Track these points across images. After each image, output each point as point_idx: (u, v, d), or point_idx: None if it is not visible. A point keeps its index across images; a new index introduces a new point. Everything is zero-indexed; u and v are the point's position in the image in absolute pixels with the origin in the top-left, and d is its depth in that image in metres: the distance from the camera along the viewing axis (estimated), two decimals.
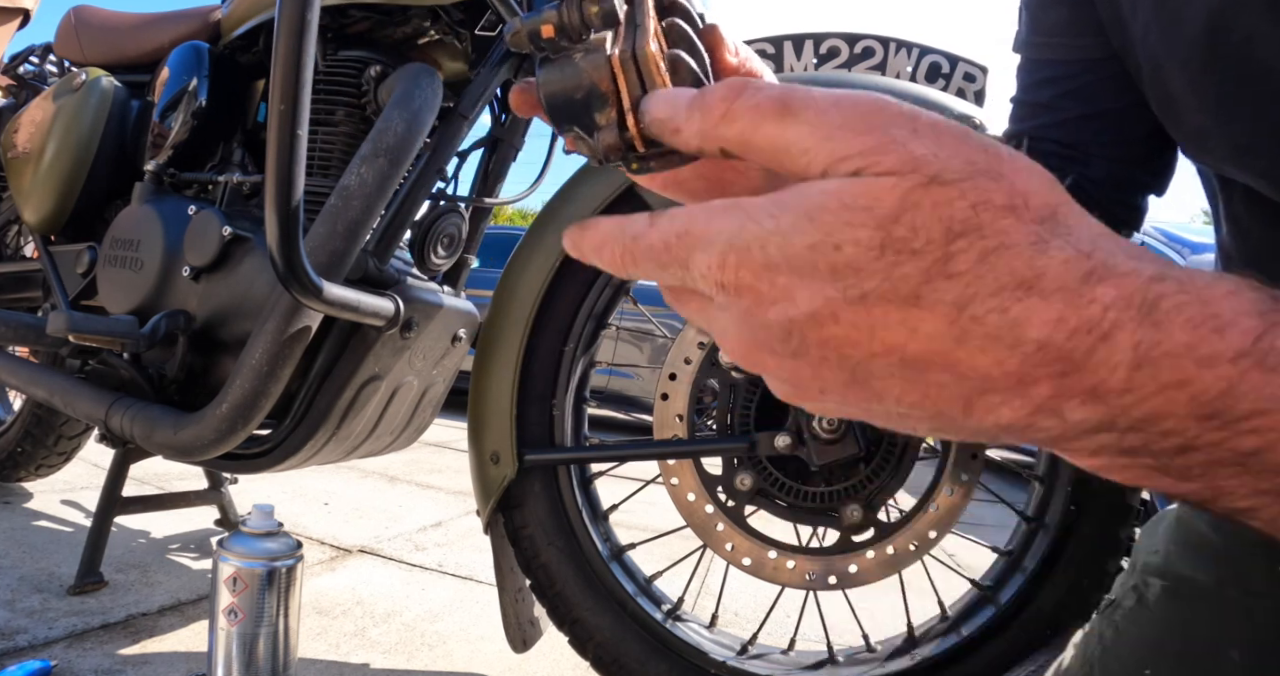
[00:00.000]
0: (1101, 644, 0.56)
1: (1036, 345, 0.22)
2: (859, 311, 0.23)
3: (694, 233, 0.26)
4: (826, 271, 0.23)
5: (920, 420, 0.25)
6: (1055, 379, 0.22)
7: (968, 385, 0.23)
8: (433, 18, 1.13)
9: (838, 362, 0.25)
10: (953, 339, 0.23)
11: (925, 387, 0.24)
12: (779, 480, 0.87)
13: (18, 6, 1.86)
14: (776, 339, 0.25)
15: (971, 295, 0.22)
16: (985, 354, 0.23)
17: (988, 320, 0.22)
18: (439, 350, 1.18)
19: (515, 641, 1.04)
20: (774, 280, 0.24)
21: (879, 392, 0.25)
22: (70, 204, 1.33)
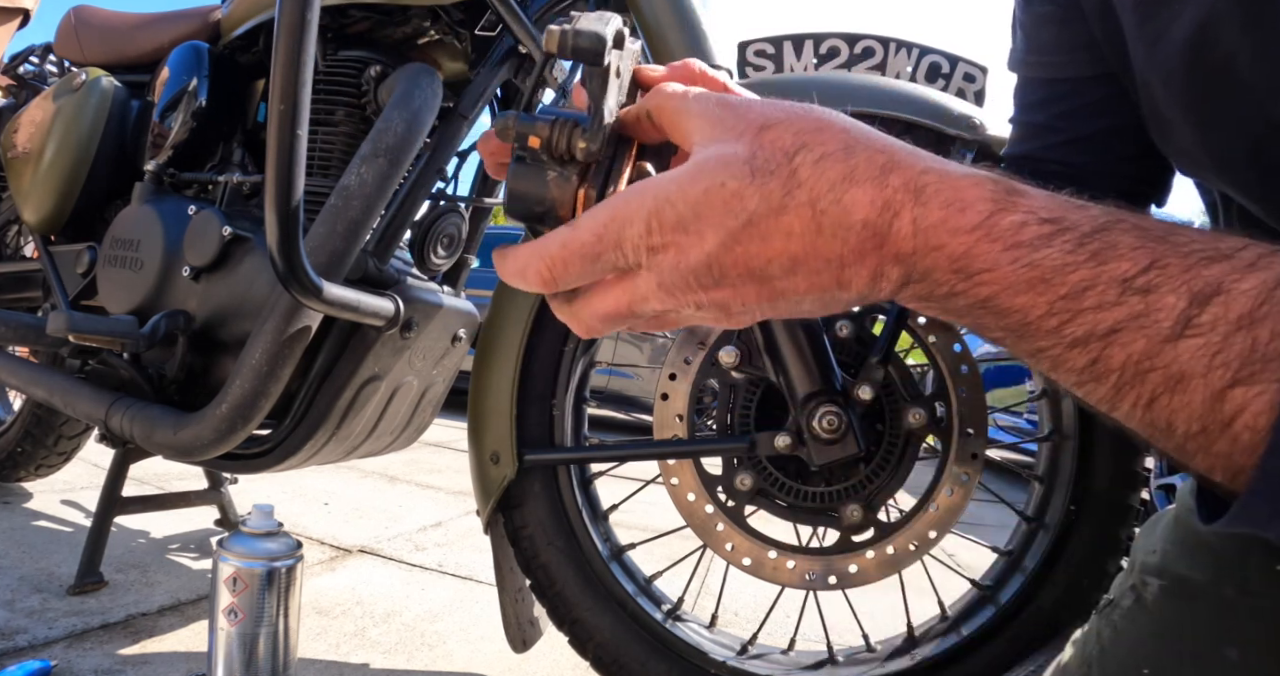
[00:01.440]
0: (1100, 643, 0.56)
1: (862, 224, 0.31)
2: (750, 230, 0.31)
3: (619, 215, 0.33)
4: (721, 207, 0.31)
5: (814, 302, 0.34)
6: (876, 250, 0.31)
7: (834, 266, 0.32)
8: (433, 18, 1.13)
9: (749, 276, 0.33)
10: (814, 232, 0.31)
11: (810, 276, 0.33)
12: (779, 480, 0.87)
13: (18, 6, 1.86)
14: (701, 276, 0.33)
15: (817, 194, 0.31)
16: (836, 238, 0.31)
17: (831, 212, 0.31)
18: (439, 350, 1.18)
19: (515, 641, 1.04)
20: (689, 229, 0.32)
21: (783, 290, 0.33)
22: (70, 204, 1.33)
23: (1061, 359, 0.30)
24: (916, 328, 0.86)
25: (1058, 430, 0.95)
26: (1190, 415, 0.28)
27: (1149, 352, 0.28)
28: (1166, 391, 0.28)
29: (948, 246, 0.30)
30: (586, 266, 0.34)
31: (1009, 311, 0.30)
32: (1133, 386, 0.29)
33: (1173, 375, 0.28)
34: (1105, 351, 0.29)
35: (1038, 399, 1.00)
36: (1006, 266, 0.30)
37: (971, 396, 0.85)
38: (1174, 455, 0.30)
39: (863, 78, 1.00)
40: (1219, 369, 0.27)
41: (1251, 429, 0.27)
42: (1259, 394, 0.27)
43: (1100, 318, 0.29)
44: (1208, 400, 0.28)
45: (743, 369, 0.86)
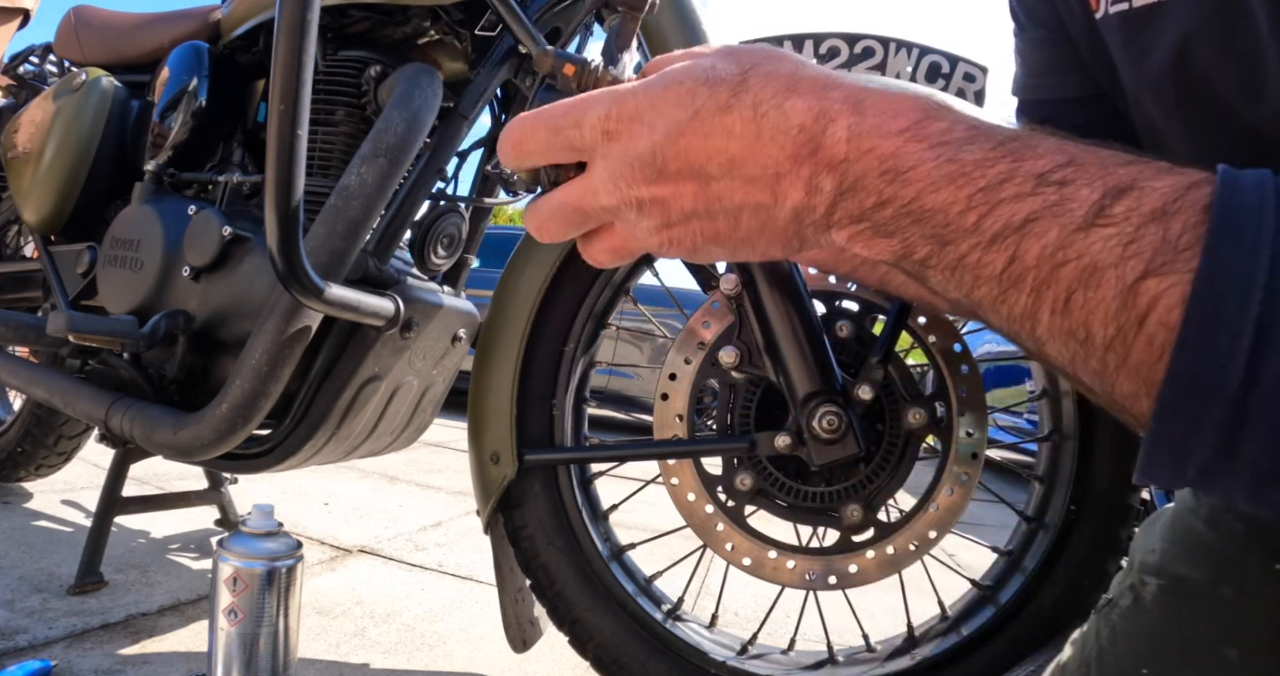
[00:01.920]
0: (1099, 643, 0.56)
1: (799, 129, 0.33)
2: (695, 123, 0.34)
3: (586, 100, 0.37)
4: (673, 101, 0.34)
5: (752, 217, 0.35)
6: (810, 156, 0.33)
7: (770, 173, 0.34)
8: (433, 18, 1.13)
9: (689, 172, 0.34)
10: (754, 133, 0.33)
11: (746, 181, 0.34)
12: (779, 480, 0.87)
13: (18, 6, 1.86)
14: (646, 165, 0.35)
15: (760, 99, 0.33)
16: (774, 143, 0.33)
17: (771, 116, 0.33)
18: (439, 350, 1.18)
19: (515, 641, 1.04)
20: (642, 119, 0.35)
21: (719, 194, 0.35)
22: (70, 204, 1.33)
23: (982, 264, 0.30)
24: (916, 327, 0.86)
25: (1058, 430, 0.95)
26: (1106, 314, 0.28)
27: (1063, 243, 0.28)
28: (1081, 286, 0.28)
29: (878, 148, 0.32)
30: (549, 136, 0.37)
31: (931, 213, 0.31)
32: (1049, 286, 0.29)
33: (1086, 267, 0.28)
34: (1021, 245, 0.29)
35: (1038, 399, 1.00)
36: (930, 163, 0.31)
37: (971, 396, 0.85)
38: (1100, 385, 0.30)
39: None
40: (1131, 259, 0.27)
41: (1165, 325, 0.27)
42: (1171, 286, 0.27)
43: (1016, 208, 0.29)
44: (1121, 294, 0.28)
45: (743, 369, 0.86)
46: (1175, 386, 0.27)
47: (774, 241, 0.36)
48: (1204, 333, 0.26)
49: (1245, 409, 0.26)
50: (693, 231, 0.37)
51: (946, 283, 0.32)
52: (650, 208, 0.36)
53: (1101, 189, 0.29)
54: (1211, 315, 0.26)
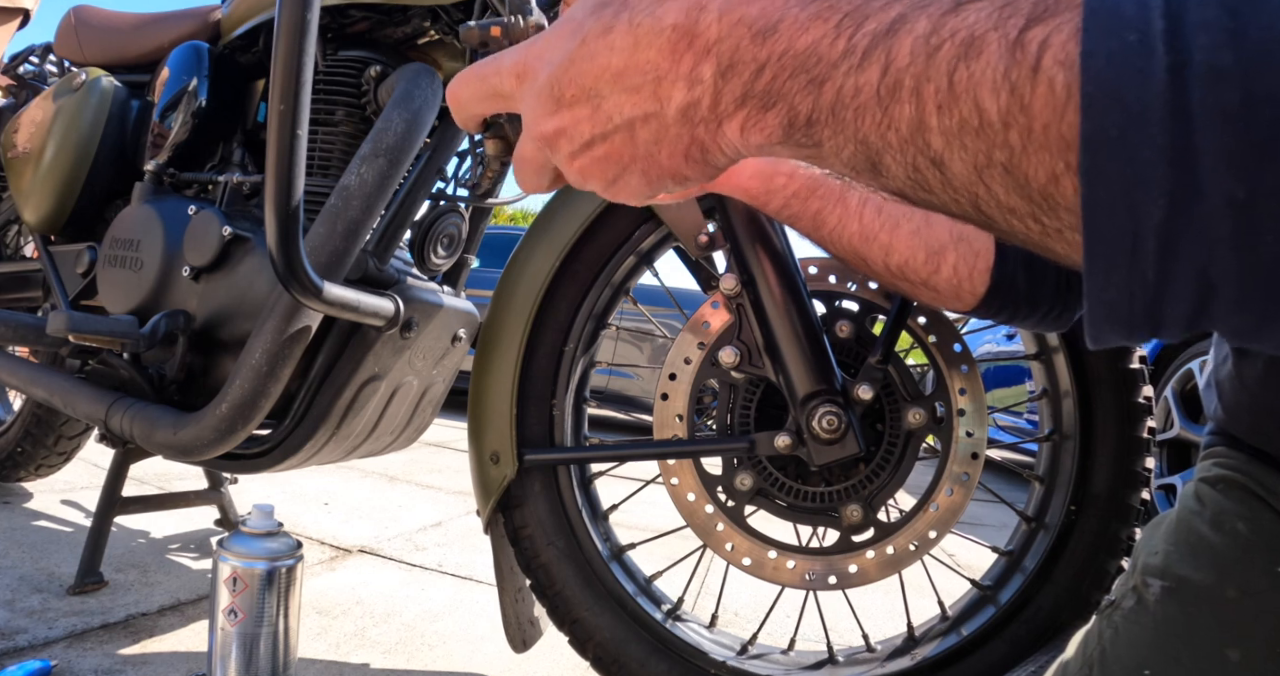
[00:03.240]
0: (1101, 644, 0.56)
1: (672, 27, 0.33)
2: (582, 49, 0.35)
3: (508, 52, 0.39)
4: (566, 33, 0.36)
5: (644, 127, 0.35)
6: (687, 48, 0.33)
7: (651, 76, 0.34)
8: (433, 17, 1.13)
9: (582, 96, 0.36)
10: (632, 42, 0.34)
11: (633, 95, 0.35)
12: (779, 480, 0.87)
13: (18, 6, 1.86)
14: (545, 98, 0.37)
15: (637, 11, 0.34)
16: (651, 46, 0.33)
17: (645, 23, 0.34)
18: (439, 350, 1.18)
19: (515, 641, 1.04)
20: (542, 56, 0.37)
21: (610, 112, 0.35)
22: (70, 204, 1.33)
23: (859, 89, 0.29)
24: (916, 327, 0.86)
25: (1058, 430, 0.95)
26: (994, 79, 0.25)
27: (934, 27, 0.27)
28: (961, 61, 0.26)
29: (746, 15, 0.31)
30: (478, 85, 0.40)
31: (804, 56, 0.30)
32: (928, 79, 0.26)
33: (962, 41, 0.26)
34: (893, 49, 0.27)
35: (1038, 399, 1.00)
36: (796, 10, 0.30)
37: (971, 396, 0.85)
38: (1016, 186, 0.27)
39: None
40: (1011, 18, 0.25)
41: (1062, 63, 0.23)
42: (1061, 23, 0.24)
43: (883, 16, 0.28)
44: (1007, 51, 0.25)
45: (743, 369, 0.86)
46: (1094, 118, 0.23)
47: (675, 153, 0.36)
48: (1109, 38, 0.22)
49: (1187, 110, 0.21)
50: (598, 158, 0.37)
51: (837, 137, 0.31)
52: (558, 140, 0.38)
53: None
54: (1113, 21, 0.22)
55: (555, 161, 0.39)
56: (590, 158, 0.37)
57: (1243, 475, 0.55)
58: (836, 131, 0.30)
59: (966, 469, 0.85)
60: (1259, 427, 0.56)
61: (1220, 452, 0.60)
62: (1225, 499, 0.55)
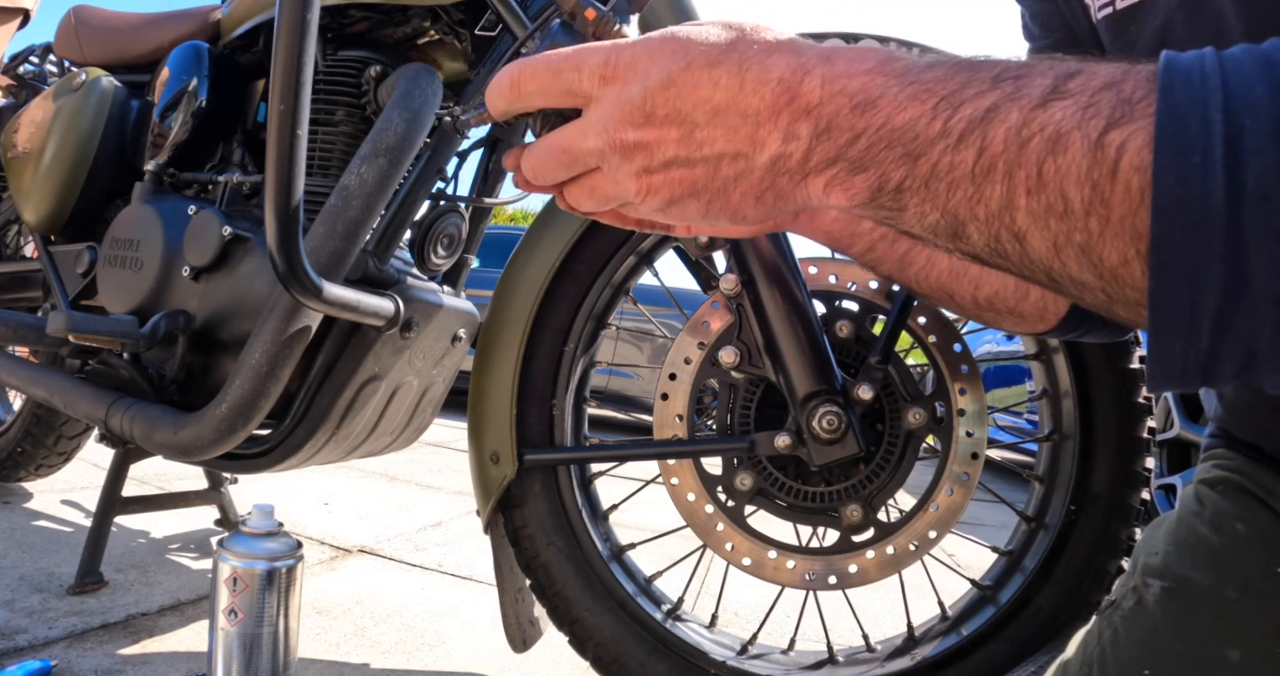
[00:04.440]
0: (1101, 644, 0.56)
1: (778, 81, 0.35)
2: (686, 74, 0.36)
3: (588, 48, 0.39)
4: (668, 52, 0.37)
5: (731, 166, 0.37)
6: (788, 105, 0.35)
7: (750, 121, 0.36)
8: (433, 18, 1.13)
9: (674, 118, 0.37)
10: (738, 85, 0.36)
11: (728, 130, 0.36)
12: (779, 480, 0.87)
13: (18, 6, 1.86)
14: (636, 109, 0.37)
15: (746, 57, 0.36)
16: (756, 94, 0.36)
17: (754, 70, 0.36)
18: (439, 350, 1.18)
19: (515, 641, 1.04)
20: (638, 66, 0.37)
21: (701, 142, 0.37)
22: (70, 204, 1.33)
23: (954, 166, 0.32)
24: (916, 327, 0.86)
25: (1058, 430, 0.95)
26: (1078, 174, 0.29)
27: (1025, 121, 0.30)
28: (1049, 154, 0.29)
29: (848, 87, 0.34)
30: (549, 78, 0.39)
31: (900, 131, 0.33)
32: (1019, 166, 0.30)
33: (1050, 136, 0.29)
34: (987, 135, 0.31)
35: (1038, 399, 1.00)
36: (895, 88, 0.33)
37: (971, 396, 0.85)
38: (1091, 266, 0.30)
39: None
40: (1092, 119, 0.29)
41: (1137, 168, 0.27)
42: (1135, 130, 0.28)
43: (978, 104, 0.31)
44: (1089, 151, 0.28)
45: (743, 369, 0.86)
46: (1164, 223, 0.27)
47: (749, 193, 0.38)
48: (1176, 158, 0.26)
49: (1239, 219, 0.26)
50: (672, 179, 0.38)
51: (924, 205, 0.34)
52: (635, 151, 0.38)
53: (1053, 76, 0.31)
54: (1179, 139, 0.26)
55: (618, 169, 0.39)
56: (665, 177, 0.38)
57: (1242, 476, 0.56)
58: (925, 200, 0.33)
59: (966, 469, 0.85)
60: (1258, 424, 0.56)
61: (1220, 454, 0.60)
62: (1224, 500, 0.55)
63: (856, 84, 0.34)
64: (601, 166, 0.40)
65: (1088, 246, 0.30)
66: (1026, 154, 0.30)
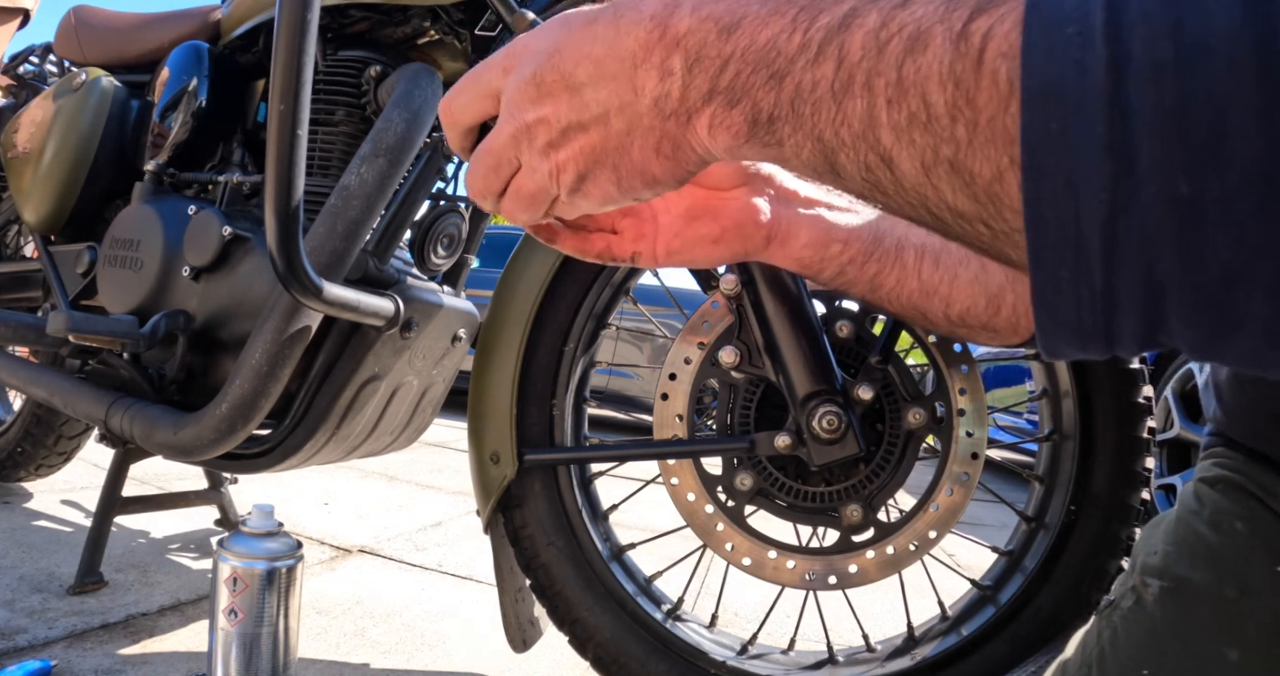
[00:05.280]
0: (1100, 644, 0.56)
1: (650, 17, 0.35)
2: (568, 37, 0.37)
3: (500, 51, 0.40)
4: (556, 25, 0.37)
5: (619, 117, 0.36)
6: (660, 39, 0.34)
7: (628, 66, 0.35)
8: (433, 18, 1.13)
9: (562, 84, 0.37)
10: (613, 34, 0.35)
11: (611, 83, 0.36)
12: (779, 480, 0.87)
13: (18, 6, 1.86)
14: (527, 86, 0.38)
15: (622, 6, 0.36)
16: (630, 35, 0.35)
17: (628, 14, 0.35)
18: (439, 350, 1.18)
19: (515, 641, 1.04)
20: (530, 46, 0.38)
21: (589, 102, 0.37)
22: (70, 204, 1.33)
23: (815, 84, 0.29)
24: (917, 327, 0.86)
25: (1058, 430, 0.95)
26: (940, 73, 0.25)
27: (884, 21, 0.27)
28: (908, 55, 0.26)
29: (714, 12, 0.33)
30: (471, 86, 0.41)
31: (764, 50, 0.31)
32: (878, 73, 0.27)
33: (910, 35, 0.26)
34: (845, 43, 0.28)
35: (1038, 399, 1.00)
36: (757, 6, 0.32)
37: (972, 396, 0.85)
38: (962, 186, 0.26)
39: None
40: (957, 9, 0.25)
41: (1005, 55, 0.23)
42: (1004, 13, 0.24)
43: (836, 10, 0.29)
44: (951, 43, 0.25)
45: (743, 369, 0.86)
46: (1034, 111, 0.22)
47: (647, 146, 0.36)
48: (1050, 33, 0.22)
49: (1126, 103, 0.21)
50: (575, 151, 0.38)
51: (796, 134, 0.31)
52: (536, 128, 0.38)
53: None
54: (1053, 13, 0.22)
55: (529, 156, 0.39)
56: (568, 151, 0.38)
57: (1241, 476, 0.56)
58: (796, 128, 0.31)
59: (966, 469, 0.85)
60: (1257, 430, 0.56)
61: (1219, 453, 0.60)
62: (1224, 499, 0.55)
63: (722, 7, 0.33)
64: (520, 160, 0.40)
65: (956, 161, 0.26)
66: (885, 58, 0.27)
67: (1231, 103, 0.20)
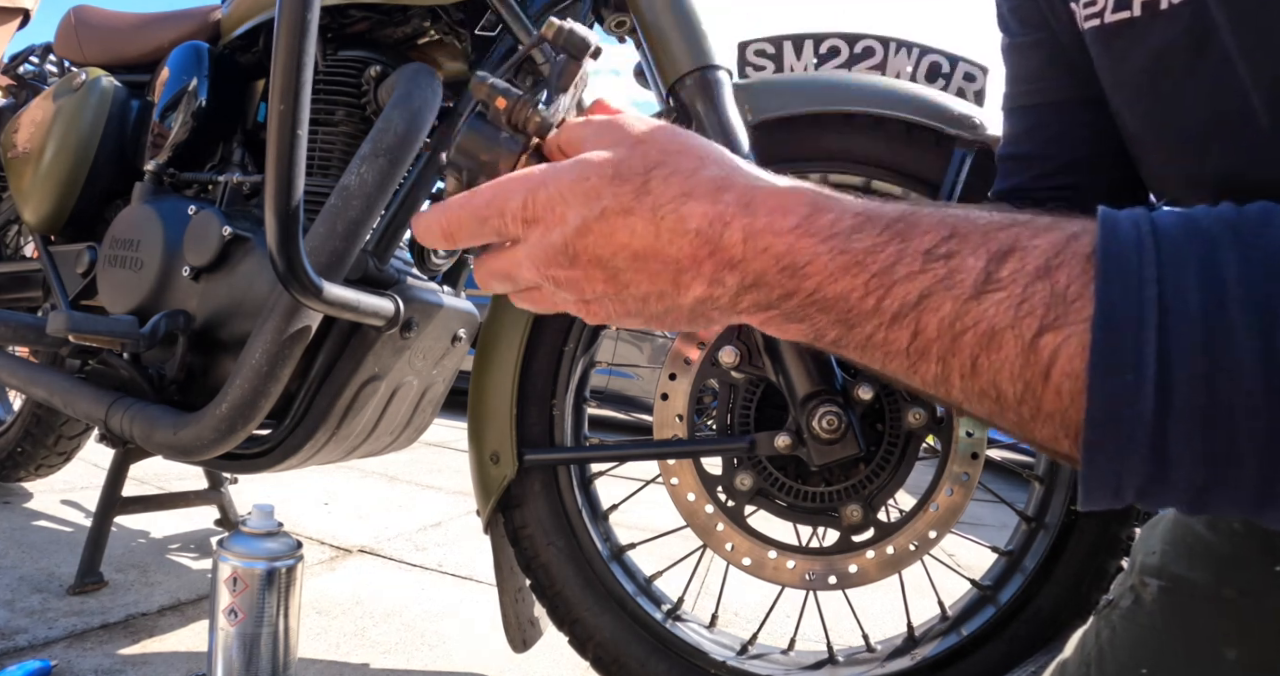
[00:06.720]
0: (1099, 644, 0.56)
1: (695, 233, 0.35)
2: (602, 222, 0.36)
3: (506, 188, 0.38)
4: (582, 197, 0.36)
5: (659, 302, 0.38)
6: (710, 257, 0.35)
7: (671, 268, 0.36)
8: (433, 18, 1.13)
9: (598, 262, 0.37)
10: (654, 234, 0.35)
11: (650, 275, 0.36)
12: (779, 480, 0.87)
13: (18, 6, 1.86)
14: (559, 253, 0.37)
15: (660, 203, 0.35)
16: (673, 244, 0.35)
17: (669, 219, 0.35)
18: (439, 350, 1.18)
19: (515, 641, 1.04)
20: (554, 210, 0.37)
21: (627, 282, 0.37)
22: (70, 204, 1.33)
23: (888, 342, 0.32)
24: None
25: None
26: (1011, 373, 0.29)
27: (958, 313, 0.30)
28: (983, 350, 0.30)
29: (773, 247, 0.34)
30: (476, 227, 0.40)
31: (834, 300, 0.33)
32: (954, 354, 0.31)
33: (984, 332, 0.29)
34: (920, 320, 0.31)
35: None
36: (825, 256, 0.33)
37: None
38: (1022, 433, 0.31)
39: (863, 77, 1.00)
40: (1025, 318, 0.29)
41: (1070, 375, 0.28)
42: (1068, 337, 0.28)
43: (910, 287, 0.31)
44: (1022, 352, 0.29)
45: (743, 369, 0.86)
46: (1094, 430, 0.28)
47: (680, 321, 0.38)
48: (1109, 377, 0.27)
49: (1165, 435, 0.27)
50: (606, 308, 0.39)
51: (861, 358, 0.34)
52: (567, 285, 0.39)
53: (985, 256, 0.30)
54: (1113, 359, 0.27)
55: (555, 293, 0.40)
56: (600, 306, 0.39)
57: None
58: (861, 356, 0.34)
59: (966, 469, 0.85)
60: None
61: None
62: None
63: (782, 245, 0.34)
64: (541, 287, 0.41)
65: (1019, 423, 0.31)
66: (960, 345, 0.30)
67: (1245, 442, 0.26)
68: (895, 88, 0.95)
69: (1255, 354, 0.25)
